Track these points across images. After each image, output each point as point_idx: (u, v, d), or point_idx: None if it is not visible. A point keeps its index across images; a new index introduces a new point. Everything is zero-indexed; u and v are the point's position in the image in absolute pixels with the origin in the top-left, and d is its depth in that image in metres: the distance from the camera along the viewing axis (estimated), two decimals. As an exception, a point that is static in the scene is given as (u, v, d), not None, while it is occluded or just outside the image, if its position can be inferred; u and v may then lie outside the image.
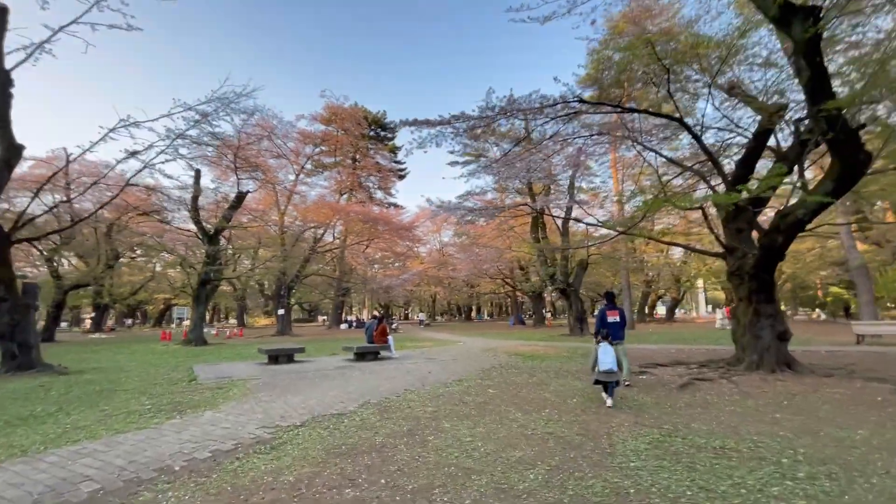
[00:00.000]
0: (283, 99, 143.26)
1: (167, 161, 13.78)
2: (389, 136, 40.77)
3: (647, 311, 41.33)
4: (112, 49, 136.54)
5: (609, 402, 6.03)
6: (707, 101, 9.23)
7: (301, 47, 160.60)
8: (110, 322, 38.88)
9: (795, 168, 8.66)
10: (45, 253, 26.03)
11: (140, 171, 13.28)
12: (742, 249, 9.81)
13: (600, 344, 6.26)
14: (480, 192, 31.59)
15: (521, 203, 13.22)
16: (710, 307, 70.77)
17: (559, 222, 21.72)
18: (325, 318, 52.33)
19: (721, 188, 10.33)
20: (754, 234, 9.90)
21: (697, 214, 13.28)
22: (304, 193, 32.47)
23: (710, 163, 9.87)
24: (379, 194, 39.61)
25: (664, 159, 11.73)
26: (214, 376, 8.93)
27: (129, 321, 46.92)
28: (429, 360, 11.34)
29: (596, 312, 10.91)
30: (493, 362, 10.85)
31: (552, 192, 21.61)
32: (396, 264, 48.09)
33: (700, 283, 43.57)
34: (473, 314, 61.15)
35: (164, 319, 47.21)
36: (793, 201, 8.70)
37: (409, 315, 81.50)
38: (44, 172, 17.51)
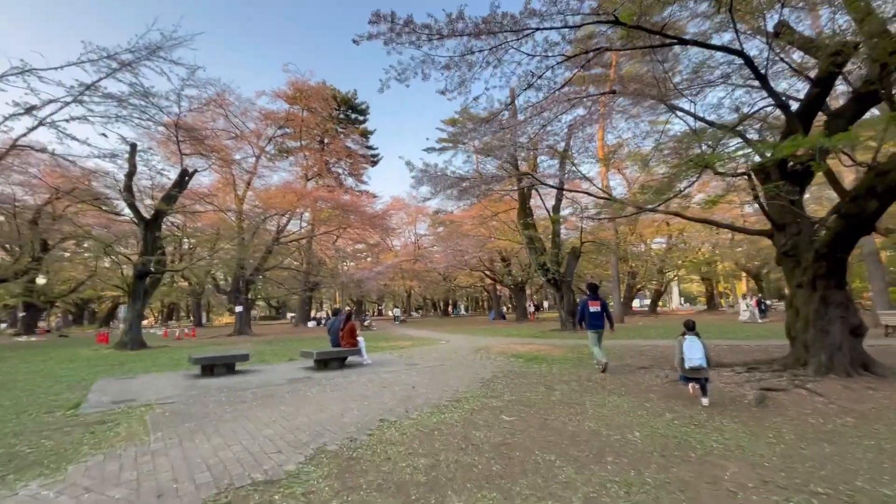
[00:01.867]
0: (241, 73, 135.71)
1: (75, 120, 10.92)
2: (361, 118, 37.94)
3: (630, 304, 40.30)
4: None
5: (705, 400, 5.50)
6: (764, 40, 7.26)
7: (261, 15, 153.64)
8: (43, 324, 34.60)
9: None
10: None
11: (34, 128, 10.34)
12: (797, 225, 7.99)
13: (685, 336, 5.83)
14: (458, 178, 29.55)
15: (523, 172, 11.13)
16: (682, 300, 71.56)
17: (550, 205, 19.75)
18: (293, 315, 49.08)
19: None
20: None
21: (715, 187, 11.50)
22: (266, 177, 29.39)
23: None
24: (350, 181, 36.82)
25: (691, 123, 9.82)
26: (111, 399, 6.36)
27: (59, 322, 42.41)
28: (410, 367, 9.05)
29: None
30: (492, 368, 8.67)
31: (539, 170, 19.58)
32: (370, 258, 45.42)
33: (673, 275, 42.91)
34: (450, 309, 59.10)
35: (111, 319, 42.95)
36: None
37: (383, 311, 78.76)
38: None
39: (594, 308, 8.36)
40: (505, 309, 56.08)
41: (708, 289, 42.29)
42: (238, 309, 25.57)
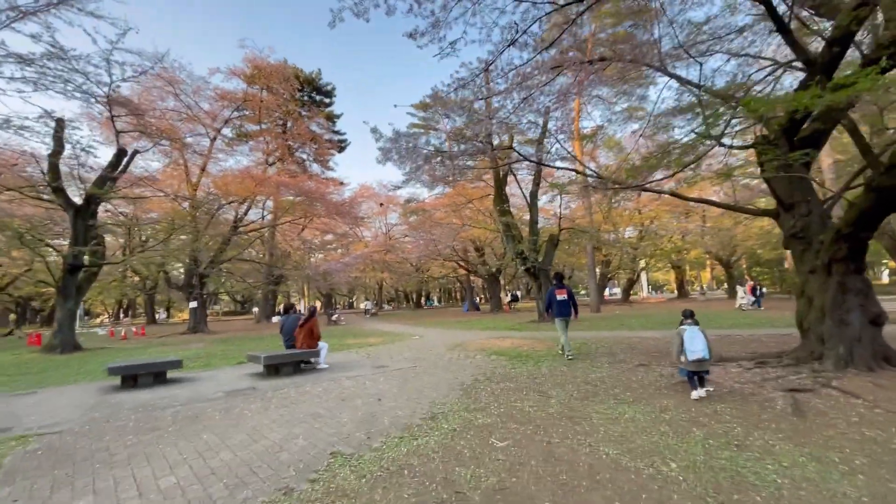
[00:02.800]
0: (194, 50, 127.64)
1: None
2: (326, 100, 35.83)
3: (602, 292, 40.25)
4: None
5: (702, 392, 5.18)
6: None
7: None
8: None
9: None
10: None
11: None
12: (807, 204, 7.21)
13: (684, 327, 5.41)
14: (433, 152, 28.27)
15: (506, 146, 9.97)
16: (650, 288, 73.09)
17: (528, 191, 18.76)
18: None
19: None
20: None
21: (708, 166, 10.73)
22: (223, 162, 27.19)
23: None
24: (315, 168, 34.75)
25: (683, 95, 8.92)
26: (-21, 429, 4.85)
27: None
28: (378, 371, 7.82)
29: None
30: (472, 370, 7.56)
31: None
32: (339, 250, 43.53)
33: (642, 264, 43.21)
34: (423, 301, 57.97)
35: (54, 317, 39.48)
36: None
37: (354, 304, 76.75)
38: None
39: (561, 296, 8.54)
40: (479, 300, 55.49)
41: (678, 277, 42.80)
42: (192, 305, 23.53)
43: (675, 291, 52.30)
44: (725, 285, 39.03)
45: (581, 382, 6.25)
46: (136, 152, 17.76)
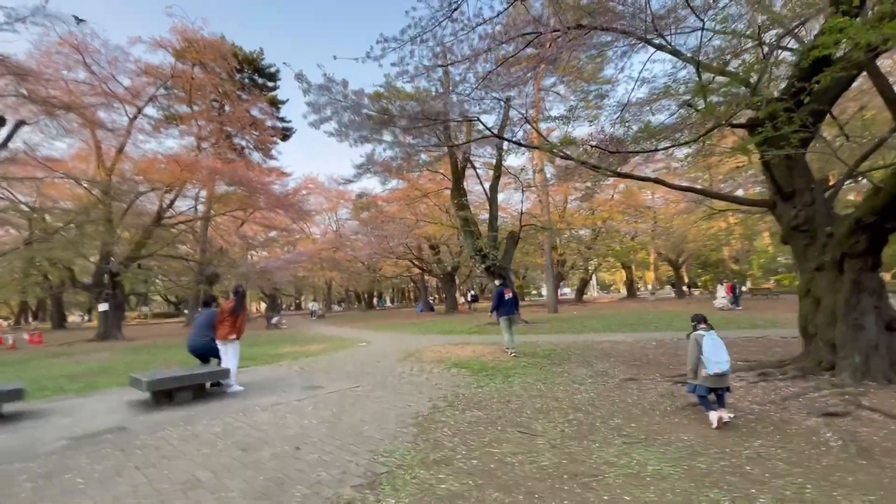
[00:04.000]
0: (113, 16, 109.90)
1: None
2: (270, 84, 32.92)
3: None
4: None
5: (724, 414, 4.07)
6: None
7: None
8: None
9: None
10: None
11: None
12: (810, 192, 6.36)
13: (701, 332, 4.30)
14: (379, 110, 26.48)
15: (469, 118, 8.44)
16: (599, 288, 75.26)
17: (487, 187, 17.54)
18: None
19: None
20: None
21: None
22: (146, 144, 23.89)
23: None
24: (256, 157, 31.78)
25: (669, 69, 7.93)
26: None
27: None
28: (308, 394, 6.12)
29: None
30: (429, 390, 6.06)
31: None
32: (287, 248, 40.50)
33: (597, 263, 43.75)
34: (375, 302, 55.78)
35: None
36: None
37: (302, 304, 72.76)
38: None
39: (508, 295, 8.85)
40: (433, 300, 54.16)
41: (627, 276, 43.67)
42: (102, 307, 20.24)
43: (625, 291, 53.62)
44: (673, 285, 40.13)
45: (568, 408, 4.93)
46: (20, 123, 14.68)
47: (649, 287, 59.54)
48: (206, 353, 6.61)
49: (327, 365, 8.81)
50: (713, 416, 4.08)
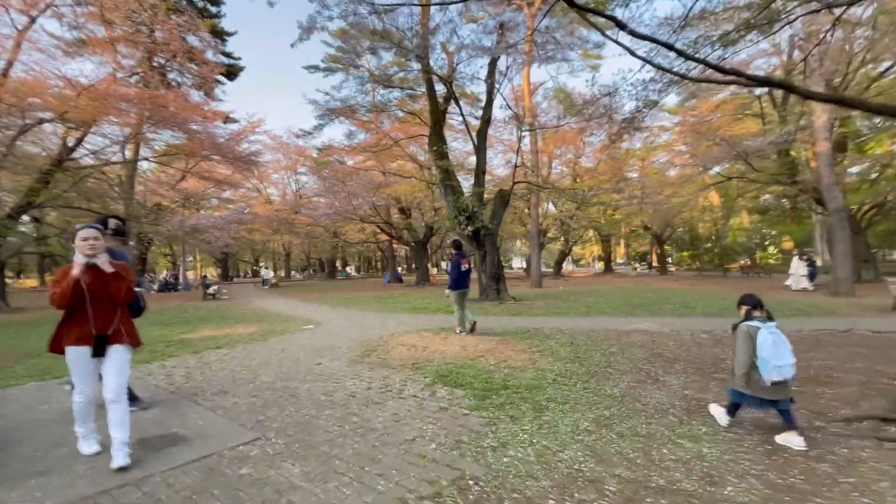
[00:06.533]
0: None
1: None
2: (213, 9, 27.65)
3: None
4: None
5: (799, 442, 2.91)
6: None
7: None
8: None
9: None
10: None
11: None
12: None
13: (755, 323, 3.15)
14: (352, 105, 22.75)
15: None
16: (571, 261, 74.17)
17: (474, 135, 14.23)
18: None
19: None
20: None
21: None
22: (46, 66, 18.80)
23: None
24: (196, 96, 26.80)
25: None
26: None
27: None
28: (209, 417, 2.93)
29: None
30: (399, 446, 3.02)
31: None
32: (245, 209, 35.82)
33: (579, 234, 41.67)
34: (338, 270, 52.08)
35: None
36: None
37: (261, 272, 67.82)
38: None
39: (465, 267, 7.55)
40: (401, 270, 50.98)
41: (606, 250, 41.95)
42: (-21, 271, 15.90)
43: (598, 266, 52.31)
44: (654, 261, 38.65)
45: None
46: None
47: (619, 262, 58.67)
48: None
49: (235, 369, 5.57)
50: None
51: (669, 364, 5.35)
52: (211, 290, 18.87)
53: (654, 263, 53.82)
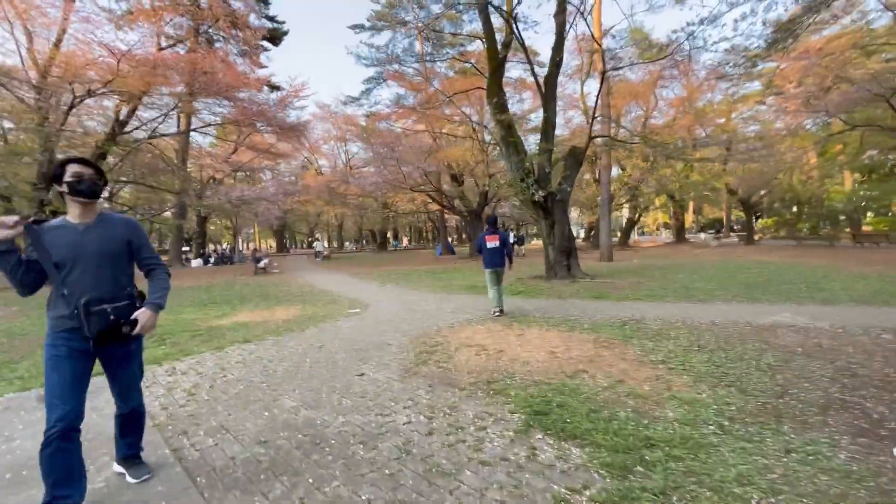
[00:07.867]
0: None
1: None
2: (254, -31, 26.37)
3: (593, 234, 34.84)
4: None
5: None
6: None
7: None
8: None
9: None
10: None
11: None
12: None
13: None
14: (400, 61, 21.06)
15: None
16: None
17: (541, 80, 11.98)
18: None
19: None
20: None
21: None
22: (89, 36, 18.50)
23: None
24: (241, 64, 26.04)
25: None
26: None
27: None
28: None
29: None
30: None
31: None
32: (294, 180, 35.74)
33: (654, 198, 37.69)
34: (389, 242, 51.73)
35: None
36: None
37: (315, 244, 69.31)
38: None
39: (492, 244, 6.96)
40: (453, 241, 49.67)
41: (678, 218, 37.89)
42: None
43: (667, 235, 48.05)
44: (733, 228, 34.24)
45: None
46: None
47: (696, 229, 53.62)
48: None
49: (254, 380, 4.29)
50: None
51: (880, 391, 3.39)
52: (262, 264, 18.43)
53: (729, 231, 48.38)
